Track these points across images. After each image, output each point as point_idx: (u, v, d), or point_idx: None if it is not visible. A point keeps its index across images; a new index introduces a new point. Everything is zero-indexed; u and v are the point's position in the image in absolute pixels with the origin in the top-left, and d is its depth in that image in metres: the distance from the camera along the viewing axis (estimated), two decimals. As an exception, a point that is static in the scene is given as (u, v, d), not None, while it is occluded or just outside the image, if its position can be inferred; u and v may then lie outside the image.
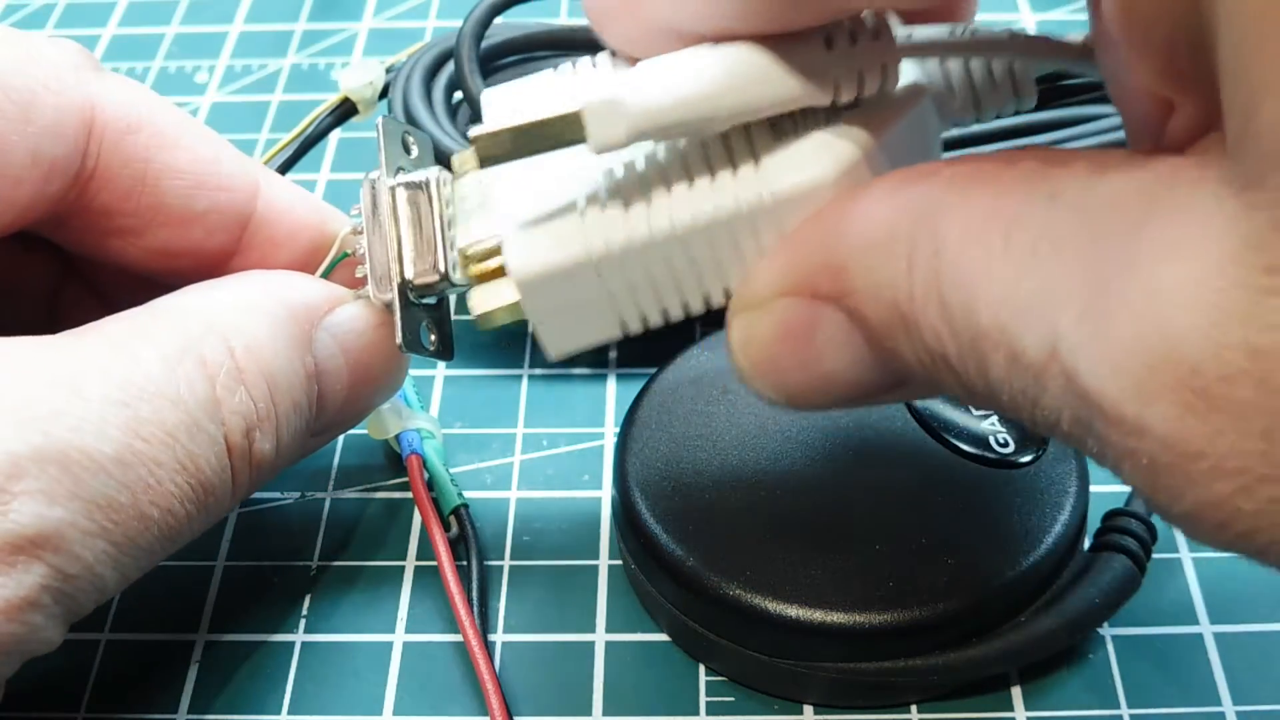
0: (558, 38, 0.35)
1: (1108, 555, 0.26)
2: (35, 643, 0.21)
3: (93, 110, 0.24)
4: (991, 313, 0.16)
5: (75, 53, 0.25)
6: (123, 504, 0.21)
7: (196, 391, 0.22)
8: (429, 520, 0.27)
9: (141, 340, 0.23)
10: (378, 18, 0.44)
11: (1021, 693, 0.26)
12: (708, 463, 0.27)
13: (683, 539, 0.26)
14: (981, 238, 0.16)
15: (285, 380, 0.24)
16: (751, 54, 0.19)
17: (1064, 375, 0.16)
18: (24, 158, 0.23)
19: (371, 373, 0.26)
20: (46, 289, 0.28)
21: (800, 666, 0.26)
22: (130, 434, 0.21)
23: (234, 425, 0.23)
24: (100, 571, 0.21)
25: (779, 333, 0.19)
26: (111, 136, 0.25)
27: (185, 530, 0.23)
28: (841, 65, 0.19)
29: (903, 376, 0.19)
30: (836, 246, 0.18)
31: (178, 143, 0.25)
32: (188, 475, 0.22)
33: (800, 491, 0.26)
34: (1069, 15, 0.44)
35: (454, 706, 0.26)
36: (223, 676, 0.27)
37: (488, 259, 0.22)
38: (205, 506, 0.23)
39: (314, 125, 0.32)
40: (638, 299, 0.21)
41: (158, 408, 0.22)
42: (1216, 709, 0.26)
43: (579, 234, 0.21)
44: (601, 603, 0.28)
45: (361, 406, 0.27)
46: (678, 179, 0.20)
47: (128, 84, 0.26)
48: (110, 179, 0.25)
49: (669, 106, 0.19)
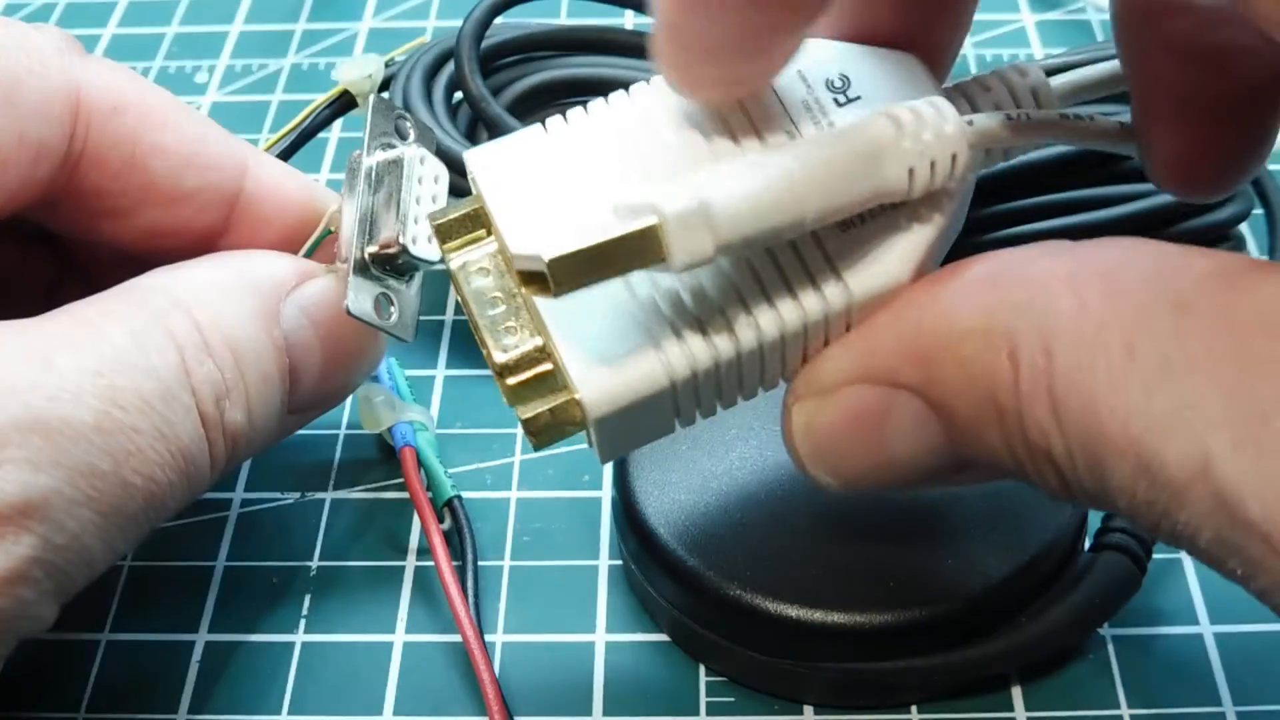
0: (558, 38, 0.35)
1: (1108, 555, 0.26)
2: (27, 619, 0.21)
3: (78, 93, 0.24)
4: (1119, 422, 0.16)
5: (59, 37, 0.25)
6: (105, 471, 0.22)
7: (168, 361, 0.23)
8: (423, 512, 0.27)
9: (108, 318, 0.23)
10: (378, 18, 0.44)
11: (1021, 693, 0.26)
12: (708, 463, 0.27)
13: (683, 539, 0.26)
14: (1099, 343, 0.17)
15: (251, 351, 0.24)
16: (829, 150, 0.18)
17: (1214, 498, 0.16)
18: (10, 140, 0.23)
19: (344, 345, 0.26)
20: (43, 283, 0.28)
21: (800, 666, 0.26)
22: (107, 402, 0.22)
23: (205, 394, 0.23)
24: (88, 542, 0.22)
25: (848, 419, 0.19)
26: (98, 118, 0.25)
27: (169, 501, 0.23)
28: (916, 158, 0.19)
29: (973, 464, 0.19)
30: (921, 337, 0.18)
31: (165, 123, 0.25)
32: (167, 443, 0.22)
33: (800, 491, 0.26)
34: (1069, 16, 0.44)
35: (454, 707, 0.26)
36: (223, 676, 0.27)
37: (535, 365, 0.20)
38: (187, 476, 0.23)
39: (312, 118, 0.32)
40: (702, 403, 0.20)
41: (131, 376, 0.22)
42: (1216, 709, 0.26)
43: (657, 361, 0.19)
44: (601, 603, 0.28)
45: (340, 382, 0.27)
46: (749, 288, 0.19)
47: (112, 67, 0.26)
48: (99, 160, 0.25)
49: (756, 212, 0.18)
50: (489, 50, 0.34)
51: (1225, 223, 0.32)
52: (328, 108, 0.33)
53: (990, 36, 0.43)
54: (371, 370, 0.28)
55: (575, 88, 0.34)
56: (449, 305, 0.34)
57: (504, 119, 0.32)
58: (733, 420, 0.28)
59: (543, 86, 0.34)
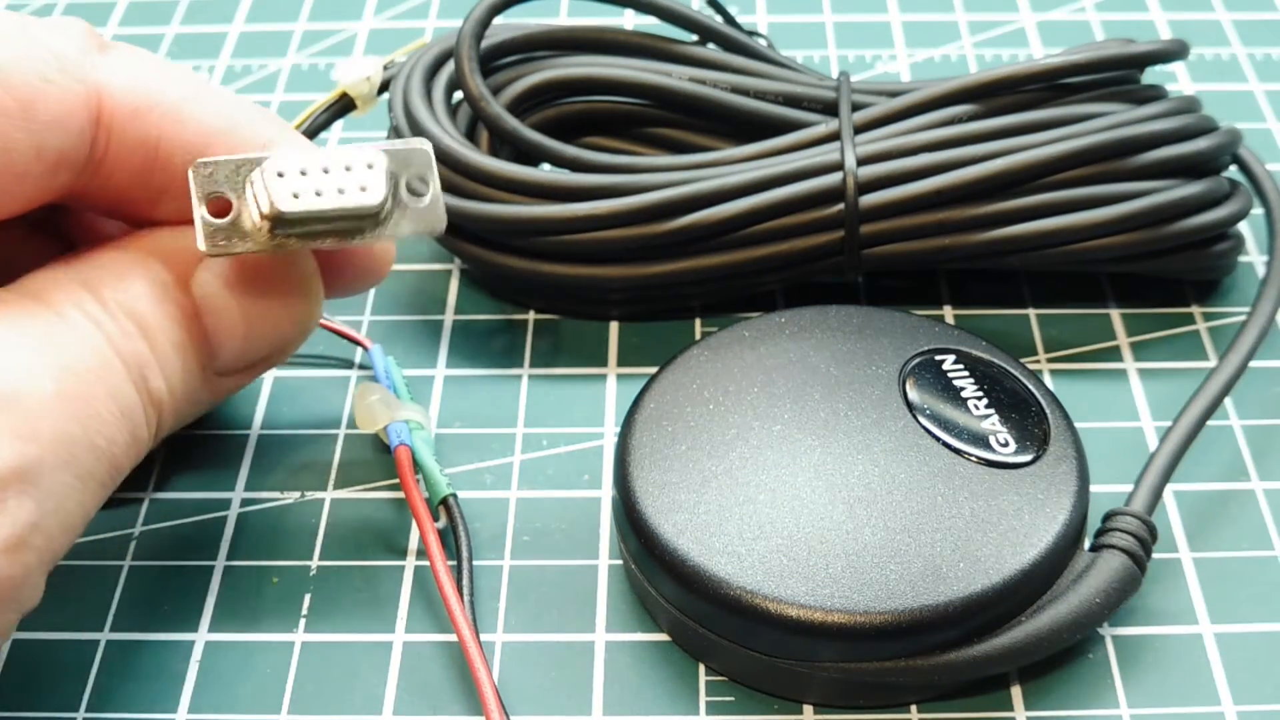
0: (558, 37, 0.35)
1: (1108, 555, 0.26)
2: (29, 589, 0.22)
3: (99, 97, 0.24)
4: None
5: (79, 35, 0.25)
6: (77, 436, 0.22)
7: (91, 333, 0.23)
8: (417, 511, 0.27)
9: (28, 299, 0.24)
10: (378, 18, 0.44)
11: (1021, 693, 0.26)
12: (708, 463, 0.27)
13: (683, 539, 0.26)
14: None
15: (155, 322, 0.24)
16: None
17: None
18: (28, 153, 0.23)
19: (268, 302, 0.26)
20: None
21: (800, 666, 0.26)
22: (61, 371, 0.22)
23: (131, 363, 0.24)
24: (70, 507, 0.22)
25: None
26: (120, 121, 0.25)
27: (124, 465, 0.24)
28: None
29: None
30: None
31: (189, 116, 0.25)
32: (118, 404, 0.23)
33: (800, 491, 0.27)
34: (1070, 15, 0.44)
35: (454, 706, 0.26)
36: (223, 676, 0.27)
37: None
38: (135, 440, 0.24)
39: (311, 120, 0.32)
40: None
41: (69, 347, 0.23)
42: (1216, 709, 0.26)
43: None
44: (601, 603, 0.28)
45: (273, 338, 0.27)
46: None
47: (135, 57, 0.25)
48: (120, 163, 0.25)
49: None
50: (489, 50, 0.34)
51: (1224, 221, 0.32)
52: (326, 111, 0.33)
53: (990, 37, 0.43)
54: (311, 326, 0.28)
55: (575, 88, 0.34)
56: (449, 305, 0.34)
57: (504, 118, 0.32)
58: (733, 420, 0.28)
59: (542, 86, 0.34)
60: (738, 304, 0.34)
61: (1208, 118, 0.33)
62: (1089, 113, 0.32)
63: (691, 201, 0.31)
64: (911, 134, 0.32)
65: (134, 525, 0.30)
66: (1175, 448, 0.28)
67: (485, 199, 0.32)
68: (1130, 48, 0.33)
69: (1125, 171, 0.32)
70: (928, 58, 0.42)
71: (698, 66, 0.34)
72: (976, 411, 0.28)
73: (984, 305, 0.34)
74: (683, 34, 0.35)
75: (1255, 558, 0.28)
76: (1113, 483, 0.30)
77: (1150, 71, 0.35)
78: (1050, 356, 0.33)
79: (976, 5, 0.44)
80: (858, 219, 0.31)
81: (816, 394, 0.28)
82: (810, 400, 0.28)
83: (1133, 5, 0.44)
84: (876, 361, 0.29)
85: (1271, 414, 0.31)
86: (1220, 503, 0.30)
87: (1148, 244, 0.32)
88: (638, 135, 0.35)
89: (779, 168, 0.32)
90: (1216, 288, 0.34)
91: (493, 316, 0.34)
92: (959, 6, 0.44)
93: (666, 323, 0.34)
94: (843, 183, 0.31)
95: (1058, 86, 0.33)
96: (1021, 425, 0.28)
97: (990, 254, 0.32)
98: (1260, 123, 0.39)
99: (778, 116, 0.34)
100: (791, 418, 0.28)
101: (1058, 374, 0.32)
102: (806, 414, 0.28)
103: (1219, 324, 0.33)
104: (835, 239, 0.32)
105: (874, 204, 0.31)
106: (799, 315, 0.30)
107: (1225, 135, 0.32)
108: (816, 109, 0.34)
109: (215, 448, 0.31)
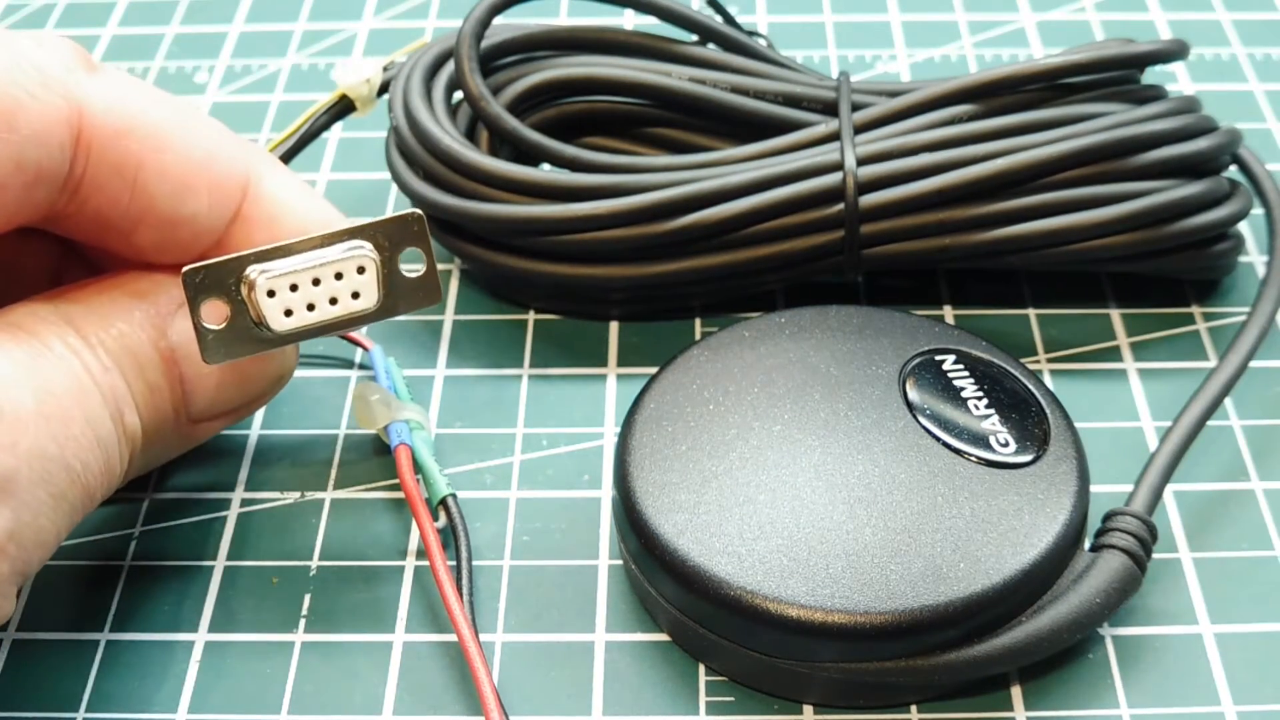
0: (557, 37, 0.35)
1: (1108, 555, 0.26)
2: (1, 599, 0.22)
3: (80, 115, 0.24)
4: None
5: (66, 53, 0.25)
6: (53, 454, 0.23)
7: (72, 361, 0.24)
8: (417, 511, 0.27)
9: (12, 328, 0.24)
10: (378, 18, 0.44)
11: (1021, 693, 0.26)
12: (708, 463, 0.27)
13: (683, 539, 0.26)
14: None
15: (132, 361, 0.25)
16: None
17: None
18: (7, 164, 0.23)
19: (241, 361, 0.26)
20: (46, 270, 0.28)
21: (800, 666, 0.26)
22: (42, 391, 0.23)
23: (108, 395, 0.24)
24: (44, 524, 0.22)
25: None
26: (100, 142, 0.25)
27: (96, 493, 0.24)
28: None
29: None
30: None
31: (169, 145, 0.25)
32: (94, 430, 0.24)
33: (800, 491, 0.27)
34: (1070, 16, 0.44)
35: (454, 707, 0.26)
36: (223, 676, 0.27)
37: None
38: (108, 469, 0.24)
39: (310, 122, 0.32)
40: None
41: (50, 371, 0.23)
42: (1216, 709, 0.26)
43: None
44: (601, 603, 0.28)
45: (242, 393, 0.27)
46: None
47: (120, 82, 0.25)
48: (99, 185, 0.25)
49: None
50: (489, 50, 0.34)
51: (1224, 221, 0.32)
52: (326, 112, 0.33)
53: (990, 37, 0.43)
54: (283, 381, 0.28)
55: (575, 88, 0.34)
56: (449, 305, 0.34)
57: (503, 118, 0.32)
58: (733, 420, 0.28)
59: (542, 86, 0.34)
60: (738, 304, 0.34)
61: (1208, 118, 0.33)
62: (1089, 113, 0.32)
63: (692, 201, 0.31)
64: (911, 134, 0.32)
65: (134, 525, 0.30)
66: (1175, 448, 0.28)
67: (485, 199, 0.32)
68: (1130, 48, 0.33)
69: (1125, 171, 0.32)
70: (928, 58, 0.42)
71: (698, 66, 0.34)
72: (976, 411, 0.28)
73: (984, 305, 0.34)
74: (683, 34, 0.35)
75: (1255, 558, 0.28)
76: (1113, 483, 0.30)
77: (1150, 71, 0.35)
78: (1050, 356, 0.33)
79: (976, 5, 0.44)
80: (858, 219, 0.31)
81: (816, 394, 0.28)
82: (810, 400, 0.28)
83: (1133, 5, 0.44)
84: (876, 361, 0.29)
85: (1271, 414, 0.31)
86: (1220, 503, 0.30)
87: (1148, 244, 0.32)
88: (638, 135, 0.35)
89: (779, 168, 0.32)
90: (1216, 288, 0.34)
91: (493, 316, 0.34)
92: (959, 6, 0.44)
93: (666, 323, 0.34)
94: (843, 183, 0.31)
95: (1058, 86, 0.33)
96: (1021, 425, 0.28)
97: (990, 254, 0.32)
98: (1260, 123, 0.39)
99: (778, 116, 0.34)
100: (792, 418, 0.28)
101: (1058, 374, 0.32)
102: (807, 414, 0.28)
103: (1219, 324, 0.33)
104: (835, 239, 0.32)
105: (874, 204, 0.31)
106: (799, 315, 0.30)
107: (1225, 135, 0.32)
108: (816, 109, 0.34)
109: (215, 448, 0.31)
